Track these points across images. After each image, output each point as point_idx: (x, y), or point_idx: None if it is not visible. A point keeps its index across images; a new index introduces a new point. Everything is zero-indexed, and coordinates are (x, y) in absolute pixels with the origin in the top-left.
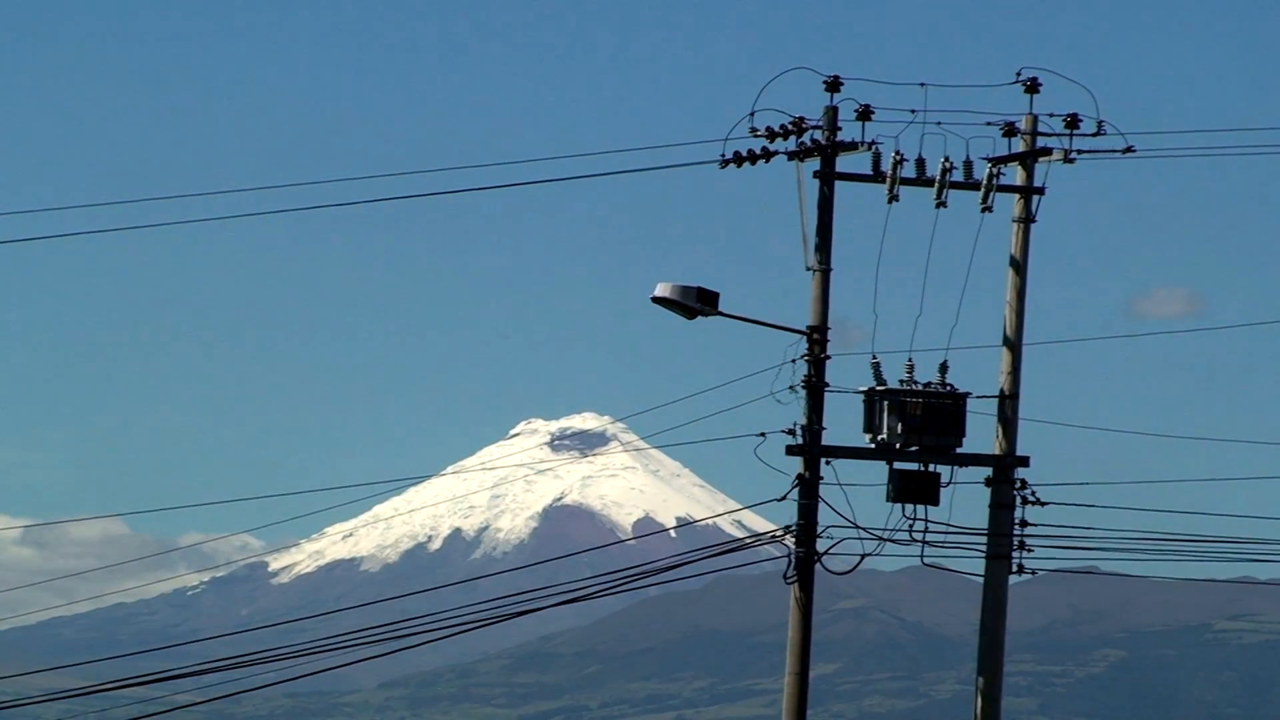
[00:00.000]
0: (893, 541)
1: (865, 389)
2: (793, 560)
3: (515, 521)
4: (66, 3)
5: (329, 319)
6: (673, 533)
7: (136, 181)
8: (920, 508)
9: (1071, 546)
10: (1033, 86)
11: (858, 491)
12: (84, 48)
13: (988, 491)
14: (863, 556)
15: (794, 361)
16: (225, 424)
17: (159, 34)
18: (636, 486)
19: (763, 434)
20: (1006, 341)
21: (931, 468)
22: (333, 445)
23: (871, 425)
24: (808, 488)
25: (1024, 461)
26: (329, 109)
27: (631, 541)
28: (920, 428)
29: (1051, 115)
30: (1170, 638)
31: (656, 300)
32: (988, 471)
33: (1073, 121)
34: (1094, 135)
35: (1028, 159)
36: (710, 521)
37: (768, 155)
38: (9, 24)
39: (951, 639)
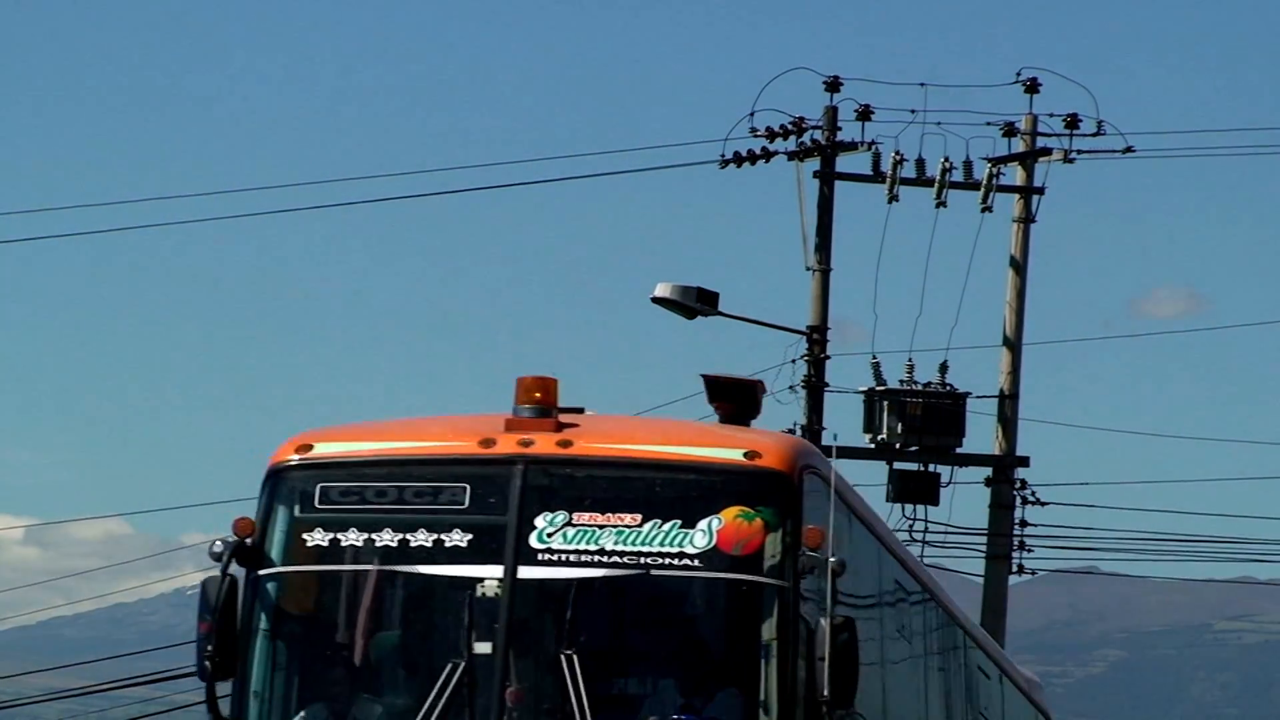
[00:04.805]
0: None
1: (865, 389)
2: None
3: None
4: (66, 2)
5: (329, 318)
6: None
7: (136, 181)
8: (920, 508)
9: (1072, 546)
10: (1033, 86)
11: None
12: (83, 46)
13: (988, 491)
14: None
15: (794, 361)
16: (226, 424)
17: (156, 33)
18: None
19: None
20: (1006, 341)
21: (931, 468)
22: None
23: (871, 425)
24: None
25: (1024, 461)
26: (327, 109)
27: None
28: (920, 428)
29: (1051, 115)
30: (1170, 638)
31: (656, 300)
32: (988, 471)
33: (1073, 121)
34: (1094, 135)
35: (1028, 159)
36: None
37: (768, 155)
38: (9, 23)
39: None
